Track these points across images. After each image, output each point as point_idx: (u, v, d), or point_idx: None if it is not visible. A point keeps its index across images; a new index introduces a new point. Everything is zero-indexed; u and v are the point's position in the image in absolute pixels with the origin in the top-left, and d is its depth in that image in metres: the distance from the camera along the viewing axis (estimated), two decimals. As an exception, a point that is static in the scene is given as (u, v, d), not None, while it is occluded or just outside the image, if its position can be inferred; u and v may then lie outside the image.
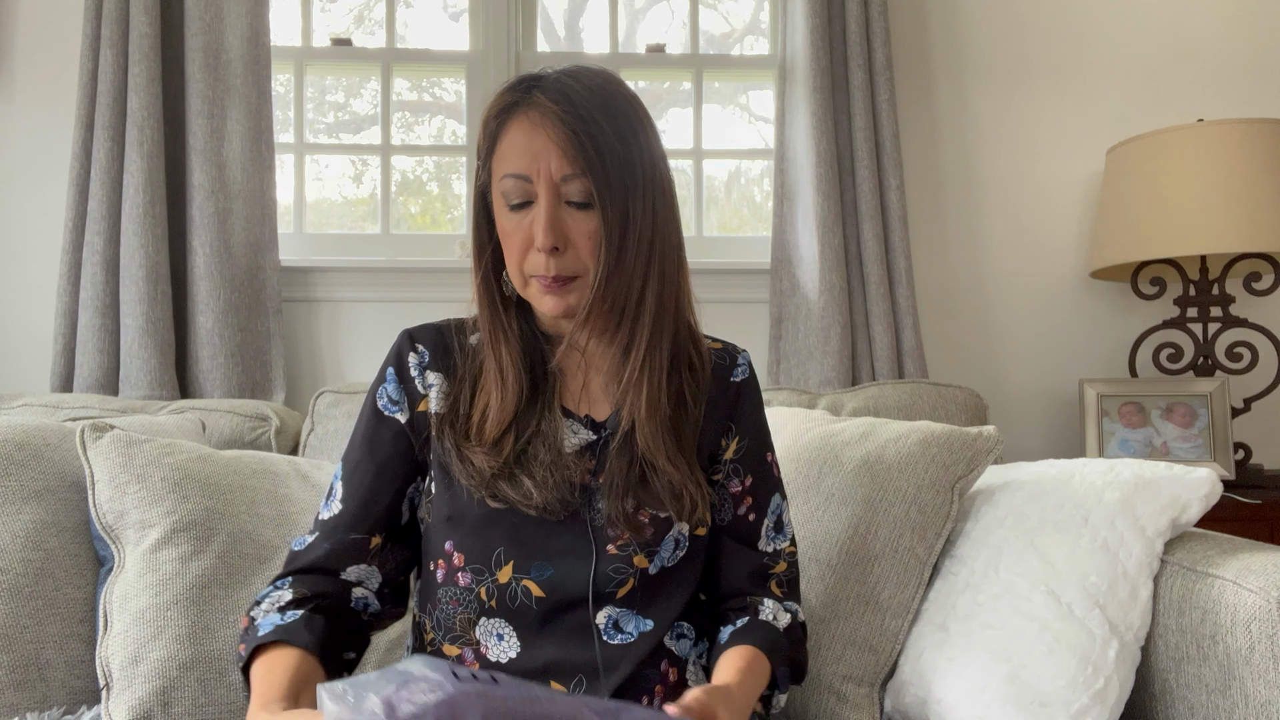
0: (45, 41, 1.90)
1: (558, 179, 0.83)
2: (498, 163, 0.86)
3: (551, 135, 0.83)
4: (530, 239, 0.85)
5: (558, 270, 0.85)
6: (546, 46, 2.13)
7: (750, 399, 1.00)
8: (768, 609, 0.94)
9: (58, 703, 1.17)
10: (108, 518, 1.20)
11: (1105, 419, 1.85)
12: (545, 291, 0.86)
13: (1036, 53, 2.09)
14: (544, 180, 0.83)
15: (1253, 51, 2.11)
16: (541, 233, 0.83)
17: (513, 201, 0.85)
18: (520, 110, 0.85)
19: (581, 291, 0.87)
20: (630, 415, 0.89)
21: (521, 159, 0.84)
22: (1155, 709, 1.06)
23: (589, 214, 0.84)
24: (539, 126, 0.83)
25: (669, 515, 0.89)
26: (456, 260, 1.94)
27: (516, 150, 0.84)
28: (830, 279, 1.86)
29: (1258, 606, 0.92)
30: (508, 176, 0.84)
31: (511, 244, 0.86)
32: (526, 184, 0.84)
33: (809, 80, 1.88)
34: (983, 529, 1.20)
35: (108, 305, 1.74)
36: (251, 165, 1.82)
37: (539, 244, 0.83)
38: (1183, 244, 1.74)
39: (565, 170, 0.83)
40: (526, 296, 0.89)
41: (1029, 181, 2.08)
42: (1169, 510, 1.08)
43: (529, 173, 0.83)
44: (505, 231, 0.87)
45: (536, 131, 0.83)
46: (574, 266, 0.85)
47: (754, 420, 1.00)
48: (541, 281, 0.86)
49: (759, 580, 0.97)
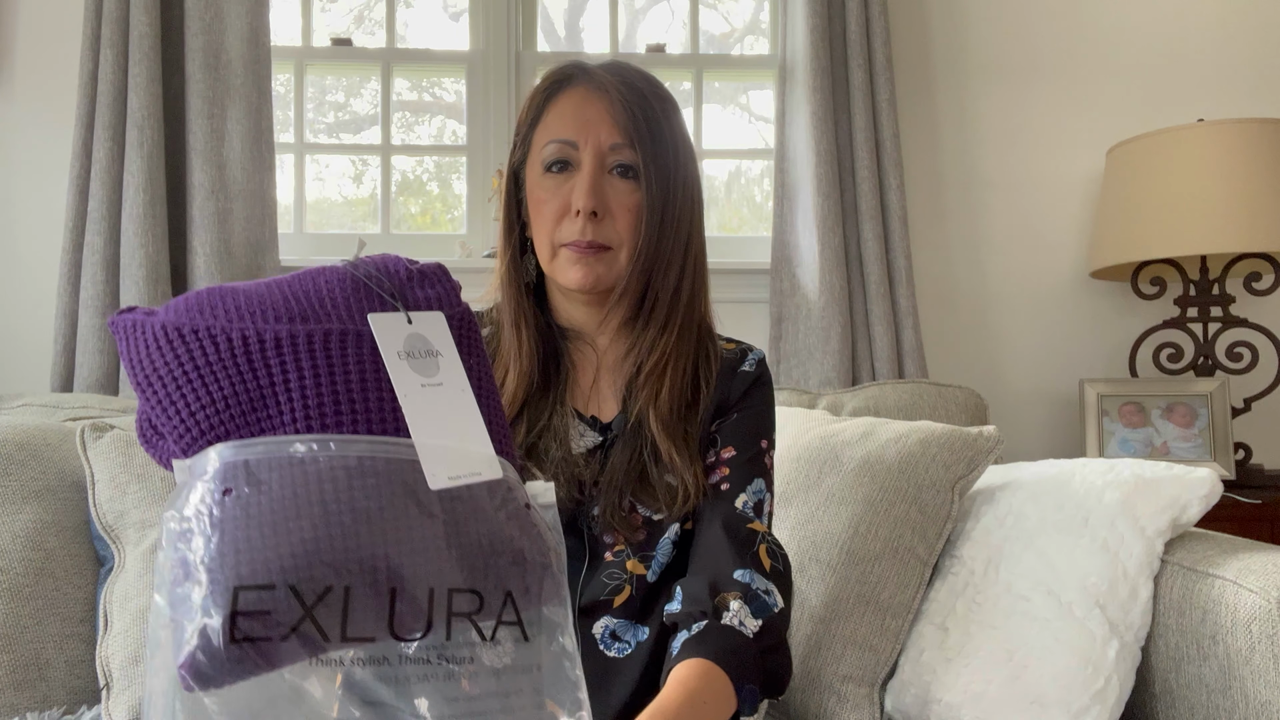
0: (45, 41, 1.90)
1: (606, 147, 0.85)
2: (541, 132, 0.87)
3: (604, 106, 0.85)
4: (567, 205, 0.85)
5: (594, 236, 0.85)
6: (547, 46, 2.13)
7: (756, 384, 0.97)
8: (733, 611, 0.79)
9: (58, 703, 1.17)
10: (108, 517, 1.20)
11: (1105, 419, 1.85)
12: (576, 259, 0.86)
13: (1036, 53, 2.09)
14: (591, 147, 0.85)
15: (1253, 51, 2.11)
16: (583, 194, 0.84)
17: (551, 162, 0.86)
18: (574, 83, 0.88)
19: (611, 265, 0.87)
20: (646, 404, 0.88)
21: (570, 125, 0.85)
22: (1155, 709, 1.06)
23: (632, 186, 0.86)
24: (592, 97, 0.86)
25: (662, 517, 0.88)
26: (457, 260, 1.93)
27: (564, 118, 0.86)
28: (830, 279, 1.86)
29: (1258, 606, 0.92)
30: (552, 142, 0.86)
31: (545, 211, 0.86)
32: (571, 149, 0.85)
33: (809, 80, 1.88)
34: (983, 529, 1.20)
35: (108, 305, 1.74)
36: (251, 165, 1.82)
37: (579, 204, 0.84)
38: (1183, 244, 1.74)
39: (615, 139, 0.85)
40: (552, 269, 0.88)
41: (1029, 181, 2.08)
42: (1169, 510, 1.08)
43: (576, 138, 0.85)
44: (539, 199, 0.87)
45: (589, 101, 0.86)
46: (609, 236, 0.86)
47: (752, 403, 0.96)
48: (574, 248, 0.85)
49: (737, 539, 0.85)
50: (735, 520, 0.87)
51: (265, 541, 0.43)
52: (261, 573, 0.42)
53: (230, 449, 0.47)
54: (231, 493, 0.44)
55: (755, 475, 0.93)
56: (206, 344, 0.50)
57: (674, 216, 0.87)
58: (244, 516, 0.44)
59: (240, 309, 0.52)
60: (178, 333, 0.51)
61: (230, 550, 0.42)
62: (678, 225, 0.88)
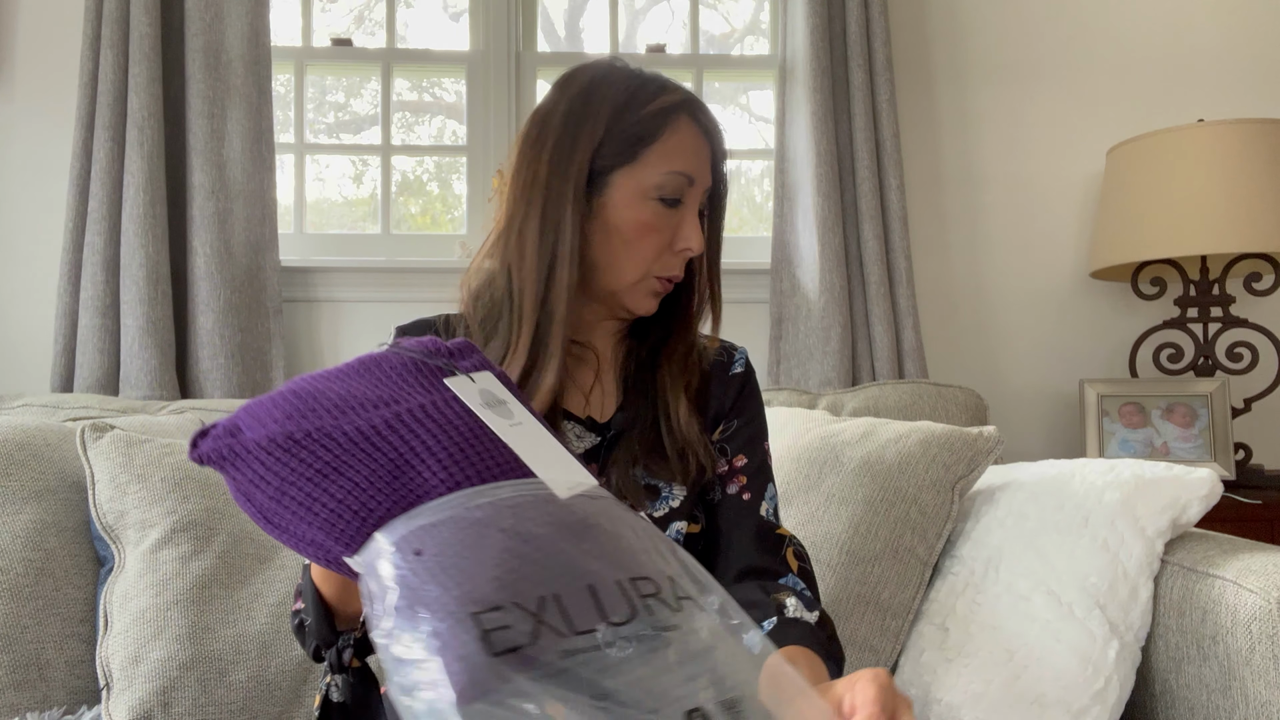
0: (45, 41, 1.90)
1: (706, 187, 0.89)
2: (659, 155, 0.86)
3: (711, 150, 0.89)
4: (673, 239, 0.88)
5: (680, 271, 0.90)
6: (547, 46, 2.13)
7: (746, 388, 1.01)
8: (791, 608, 0.85)
9: (58, 703, 1.17)
10: (108, 518, 1.20)
11: (1105, 419, 1.85)
12: (658, 291, 0.90)
13: (1036, 53, 2.09)
14: (700, 189, 0.88)
15: (1253, 51, 2.11)
16: (697, 239, 0.87)
17: (672, 197, 0.87)
18: (689, 112, 0.88)
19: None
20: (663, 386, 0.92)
21: (693, 161, 0.87)
22: (1155, 709, 1.06)
23: (702, 224, 0.92)
24: (707, 134, 0.89)
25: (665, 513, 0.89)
26: (457, 260, 1.93)
27: (687, 152, 0.87)
28: (830, 279, 1.86)
29: (1258, 607, 0.92)
30: (677, 174, 0.86)
31: (649, 240, 0.87)
32: (687, 185, 0.87)
33: (809, 80, 1.88)
34: (983, 529, 1.20)
35: (108, 305, 1.74)
36: (252, 165, 1.82)
37: (693, 247, 0.87)
38: (1183, 244, 1.74)
39: (709, 182, 0.90)
40: (624, 293, 0.89)
41: (1029, 181, 2.08)
42: (1169, 510, 1.08)
43: (695, 175, 0.87)
44: (645, 224, 0.86)
45: (703, 141, 0.88)
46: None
47: (749, 407, 1.00)
48: (663, 282, 0.89)
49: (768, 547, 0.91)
50: (764, 530, 0.93)
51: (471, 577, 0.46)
52: (482, 600, 0.45)
53: (397, 526, 0.50)
54: (422, 553, 0.48)
55: (767, 480, 0.98)
56: (327, 443, 0.53)
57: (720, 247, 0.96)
58: (440, 565, 0.47)
59: (336, 406, 0.55)
60: (290, 441, 0.53)
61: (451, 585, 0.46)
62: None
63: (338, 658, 0.77)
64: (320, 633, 0.76)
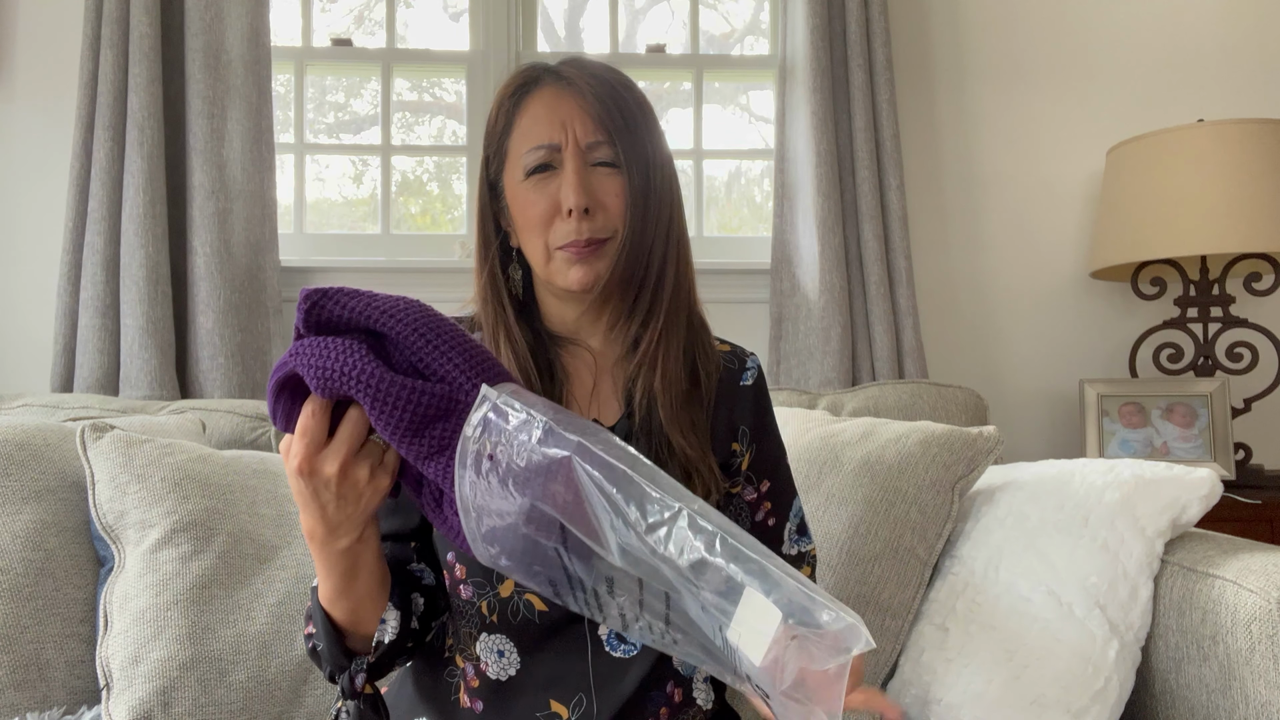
0: (45, 41, 1.90)
1: (585, 144, 0.83)
2: (518, 140, 0.85)
3: (577, 103, 0.84)
4: (555, 206, 0.84)
5: (590, 233, 0.84)
6: (547, 46, 2.13)
7: (760, 403, 0.98)
8: None
9: (58, 703, 1.17)
10: (108, 518, 1.20)
11: (1105, 419, 1.85)
12: (575, 260, 0.84)
13: (1036, 53, 2.09)
14: (571, 145, 0.83)
15: (1253, 51, 2.11)
16: (572, 191, 0.82)
17: (534, 168, 0.84)
18: (541, 84, 0.86)
19: (609, 258, 0.85)
20: (645, 390, 0.87)
21: (547, 128, 0.83)
22: (1156, 709, 1.06)
23: (615, 174, 0.85)
24: (564, 95, 0.84)
25: None
26: (456, 260, 1.93)
27: (539, 121, 0.84)
28: (830, 279, 1.86)
29: (1258, 607, 0.92)
30: (533, 149, 0.84)
31: (532, 217, 0.84)
32: (553, 152, 0.83)
33: (809, 80, 1.88)
34: (983, 529, 1.20)
35: (108, 305, 1.74)
36: (252, 165, 1.82)
37: (570, 203, 0.82)
38: (1183, 244, 1.74)
39: (593, 136, 0.84)
40: (548, 274, 0.86)
41: (1029, 181, 2.08)
42: (1169, 510, 1.08)
43: (556, 140, 0.83)
44: (525, 204, 0.85)
45: (561, 99, 0.84)
46: (605, 228, 0.85)
47: (765, 424, 0.98)
48: (572, 250, 0.84)
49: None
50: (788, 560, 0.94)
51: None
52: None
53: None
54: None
55: (791, 496, 0.98)
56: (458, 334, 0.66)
57: (656, 201, 0.87)
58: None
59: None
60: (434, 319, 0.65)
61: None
62: (659, 209, 0.87)
63: (350, 683, 0.77)
64: (333, 657, 0.76)
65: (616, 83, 0.86)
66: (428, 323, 0.62)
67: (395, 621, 0.78)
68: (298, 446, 0.64)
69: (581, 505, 0.55)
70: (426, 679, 0.89)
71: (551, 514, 0.56)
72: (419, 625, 0.82)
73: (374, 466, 0.66)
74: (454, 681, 0.86)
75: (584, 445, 0.55)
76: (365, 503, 0.67)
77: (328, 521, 0.68)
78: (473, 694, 0.85)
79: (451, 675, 0.87)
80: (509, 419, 0.57)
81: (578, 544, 0.56)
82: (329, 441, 0.64)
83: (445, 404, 0.60)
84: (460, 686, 0.86)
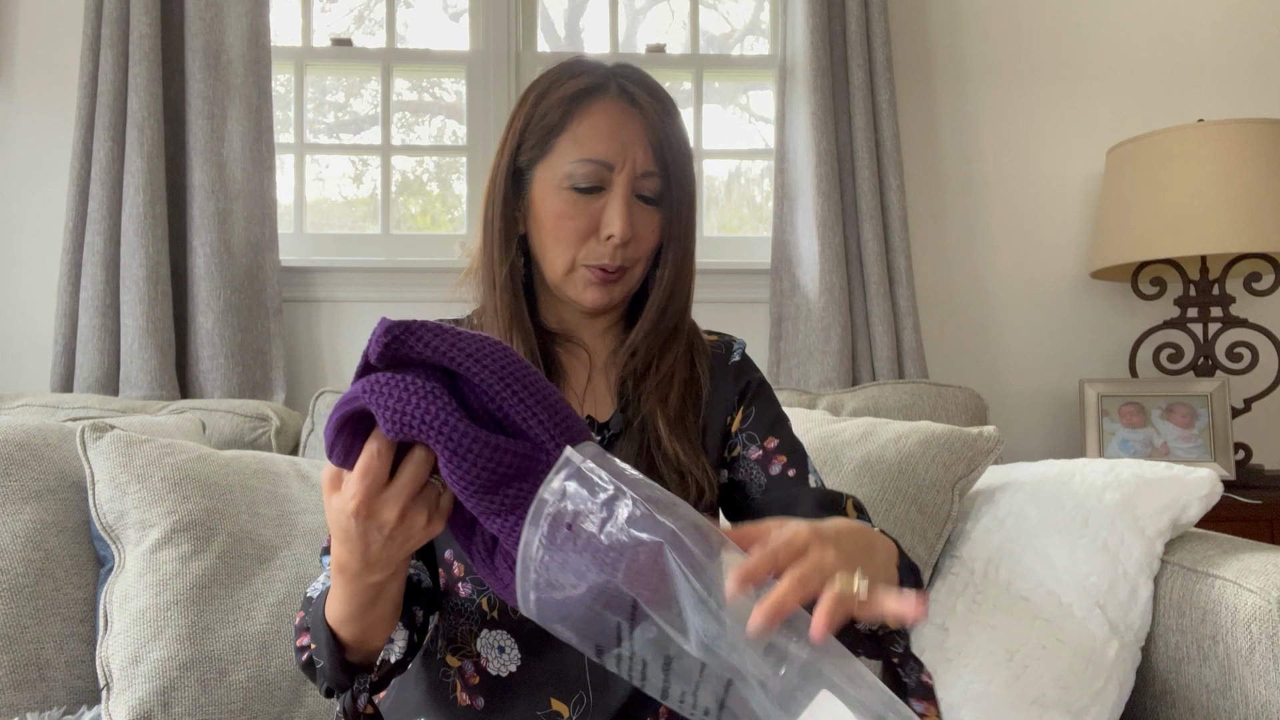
0: (45, 41, 1.90)
1: (639, 173, 0.82)
2: (569, 143, 0.83)
3: (640, 127, 0.82)
4: (595, 226, 0.83)
5: (622, 260, 0.83)
6: (546, 46, 2.13)
7: (750, 374, 0.97)
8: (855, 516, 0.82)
9: (58, 703, 1.17)
10: (108, 518, 1.20)
11: (1105, 419, 1.85)
12: (597, 282, 0.84)
13: (1036, 53, 2.09)
14: (626, 172, 0.82)
15: (1253, 51, 2.11)
16: (621, 222, 0.81)
17: (581, 185, 0.82)
18: (606, 94, 0.83)
19: (626, 285, 0.86)
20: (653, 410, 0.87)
21: (606, 145, 0.81)
22: (1156, 709, 1.06)
23: (654, 209, 0.85)
24: (628, 116, 0.82)
25: None
26: (457, 260, 1.93)
27: (600, 136, 0.82)
28: (830, 279, 1.86)
29: (1258, 607, 0.92)
30: (587, 160, 0.81)
31: (568, 230, 0.83)
32: (606, 171, 0.82)
33: (809, 80, 1.88)
34: (983, 529, 1.20)
35: (108, 305, 1.74)
36: (252, 165, 1.82)
37: (615, 234, 0.82)
38: (1183, 244, 1.74)
39: (648, 166, 0.83)
40: (563, 283, 0.86)
41: (1029, 181, 2.08)
42: (1169, 511, 1.08)
43: (613, 160, 0.81)
44: (561, 214, 0.83)
45: (625, 119, 0.82)
46: (633, 257, 0.85)
47: (758, 389, 0.96)
48: (596, 272, 0.84)
49: (828, 507, 0.87)
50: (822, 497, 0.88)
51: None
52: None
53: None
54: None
55: (805, 457, 0.94)
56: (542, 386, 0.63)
57: (685, 234, 0.87)
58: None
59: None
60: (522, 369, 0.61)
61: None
62: (687, 241, 0.88)
63: (351, 703, 0.76)
64: (333, 674, 0.75)
65: (671, 108, 0.85)
66: (513, 372, 0.59)
67: (403, 641, 0.77)
68: (357, 488, 0.59)
69: (664, 593, 0.52)
70: (423, 681, 0.89)
71: (628, 593, 0.53)
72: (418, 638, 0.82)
73: (431, 512, 0.62)
74: (449, 681, 0.86)
75: (678, 537, 0.52)
76: (412, 545, 0.64)
77: (368, 560, 0.64)
78: (473, 691, 0.85)
79: (446, 675, 0.87)
80: (594, 490, 0.54)
81: (649, 626, 0.53)
82: (389, 484, 0.60)
83: (525, 463, 0.58)
84: (457, 685, 0.86)
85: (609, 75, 0.84)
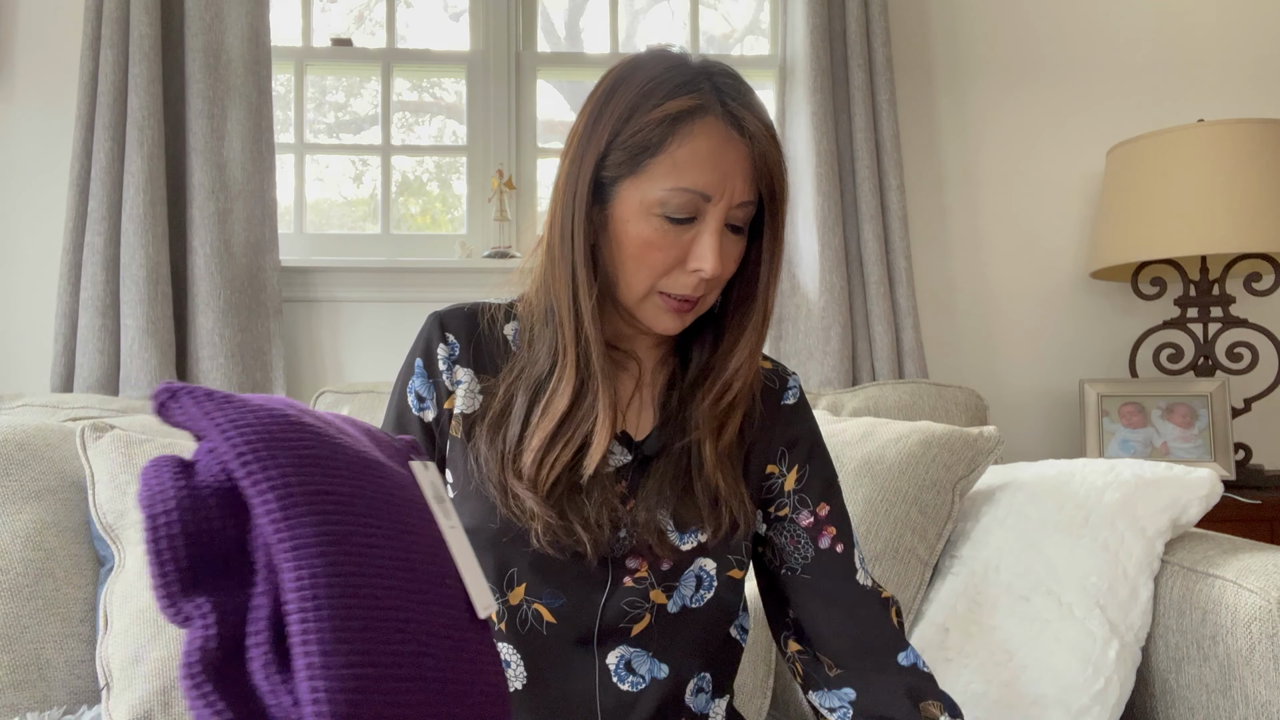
0: (45, 41, 1.90)
1: (735, 203, 0.77)
2: (666, 167, 0.75)
3: (744, 154, 0.77)
4: (682, 257, 0.77)
5: (705, 291, 0.79)
6: (547, 46, 2.13)
7: (804, 424, 0.92)
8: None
9: (58, 703, 1.17)
10: (108, 517, 1.20)
11: (1105, 419, 1.85)
12: (673, 311, 0.80)
13: (1036, 53, 2.09)
14: (723, 204, 0.76)
15: (1253, 51, 2.11)
16: (711, 258, 0.76)
17: (676, 216, 0.76)
18: (708, 116, 0.76)
19: (699, 311, 0.82)
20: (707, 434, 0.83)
21: (709, 175, 0.75)
22: (1156, 709, 1.06)
23: (740, 237, 0.80)
24: (733, 143, 0.76)
25: (692, 547, 0.83)
26: (457, 260, 1.93)
27: (702, 165, 0.75)
28: (830, 279, 1.86)
29: (1258, 607, 0.92)
30: (683, 190, 0.75)
31: (655, 259, 0.77)
32: (703, 202, 0.76)
33: (809, 80, 1.88)
34: (983, 529, 1.20)
35: (108, 305, 1.74)
36: (252, 165, 1.82)
37: (706, 271, 0.76)
38: (1183, 244, 1.74)
39: (745, 196, 0.77)
40: (636, 305, 0.81)
41: (1029, 182, 2.08)
42: (1169, 511, 1.08)
43: (712, 192, 0.75)
44: (647, 241, 0.77)
45: (729, 147, 0.76)
46: (714, 287, 0.81)
47: (813, 445, 0.91)
48: (673, 302, 0.79)
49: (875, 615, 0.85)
50: (869, 597, 0.86)
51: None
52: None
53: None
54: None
55: (849, 521, 0.91)
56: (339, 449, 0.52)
57: (780, 257, 0.84)
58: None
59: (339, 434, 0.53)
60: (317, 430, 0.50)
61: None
62: (780, 264, 0.84)
63: None
64: None
65: (772, 132, 0.79)
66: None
67: None
68: None
69: None
70: None
71: None
72: None
73: None
74: None
75: None
76: None
77: None
78: None
79: None
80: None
81: None
82: None
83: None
84: None
85: (713, 94, 0.77)
